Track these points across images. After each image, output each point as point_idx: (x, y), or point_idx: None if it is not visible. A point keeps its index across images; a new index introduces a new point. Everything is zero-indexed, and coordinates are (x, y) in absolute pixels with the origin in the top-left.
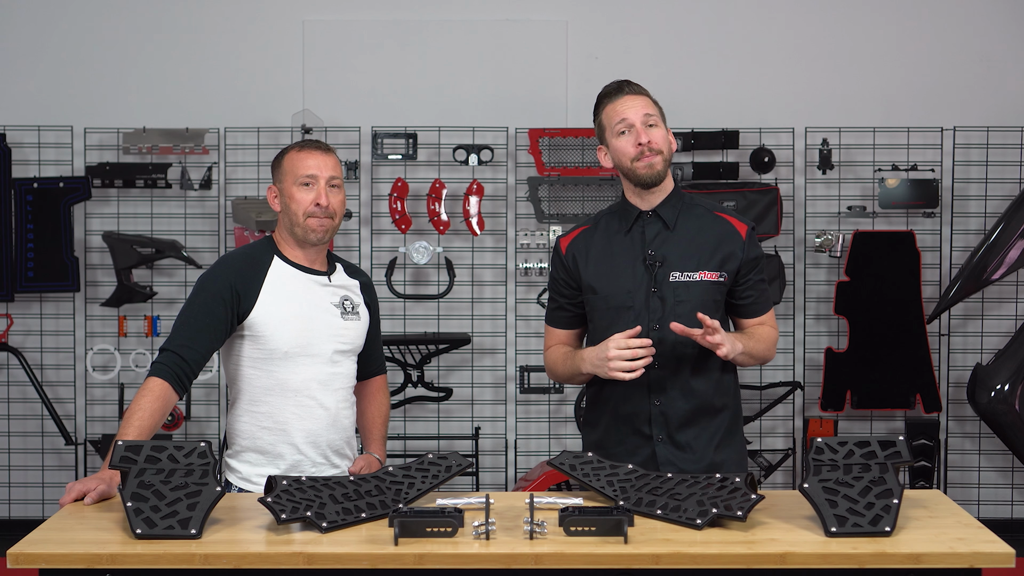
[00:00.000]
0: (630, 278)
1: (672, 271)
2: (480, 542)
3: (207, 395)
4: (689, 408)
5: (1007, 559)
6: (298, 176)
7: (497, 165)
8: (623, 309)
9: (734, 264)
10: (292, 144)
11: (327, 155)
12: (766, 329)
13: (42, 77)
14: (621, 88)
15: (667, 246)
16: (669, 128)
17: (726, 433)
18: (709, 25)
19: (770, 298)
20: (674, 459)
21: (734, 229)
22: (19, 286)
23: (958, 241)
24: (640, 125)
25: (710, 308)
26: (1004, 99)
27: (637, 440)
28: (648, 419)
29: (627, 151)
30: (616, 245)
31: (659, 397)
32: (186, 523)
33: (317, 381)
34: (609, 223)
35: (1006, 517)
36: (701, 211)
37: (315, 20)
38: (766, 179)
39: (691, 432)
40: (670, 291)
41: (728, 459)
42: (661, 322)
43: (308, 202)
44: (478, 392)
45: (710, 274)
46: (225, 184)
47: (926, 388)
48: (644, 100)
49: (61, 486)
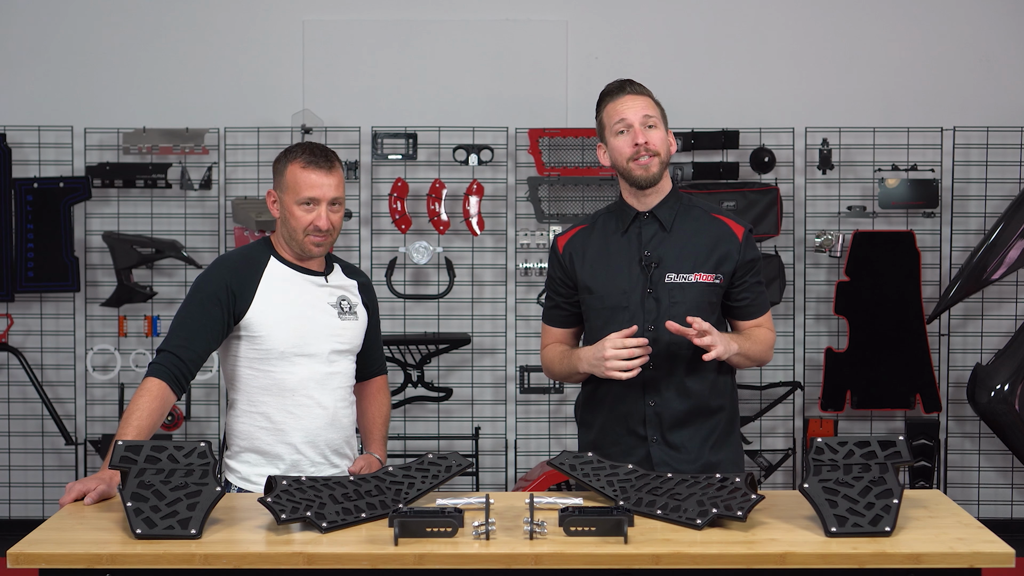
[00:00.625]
0: (626, 279)
1: (668, 272)
2: (480, 542)
3: (207, 395)
4: (684, 409)
5: (1007, 559)
6: (300, 195)
7: (497, 165)
8: (618, 309)
9: (730, 266)
10: (296, 151)
11: (331, 174)
12: (763, 331)
13: (42, 77)
14: (623, 87)
15: (663, 247)
16: (670, 130)
17: (722, 434)
18: (709, 25)
19: (767, 300)
20: (669, 460)
21: (730, 231)
22: (19, 286)
23: (958, 241)
24: (638, 126)
25: (705, 310)
26: (1004, 99)
27: (632, 440)
28: (643, 420)
29: (624, 151)
30: (613, 245)
31: (654, 398)
32: (186, 523)
33: (314, 381)
34: (606, 223)
35: (1006, 517)
36: (698, 212)
37: (315, 20)
38: (766, 179)
39: (685, 433)
40: (665, 292)
41: (724, 460)
42: (656, 323)
43: (308, 222)
44: (478, 392)
45: (705, 276)
46: (225, 184)
47: (926, 388)
48: (645, 101)
49: (61, 486)
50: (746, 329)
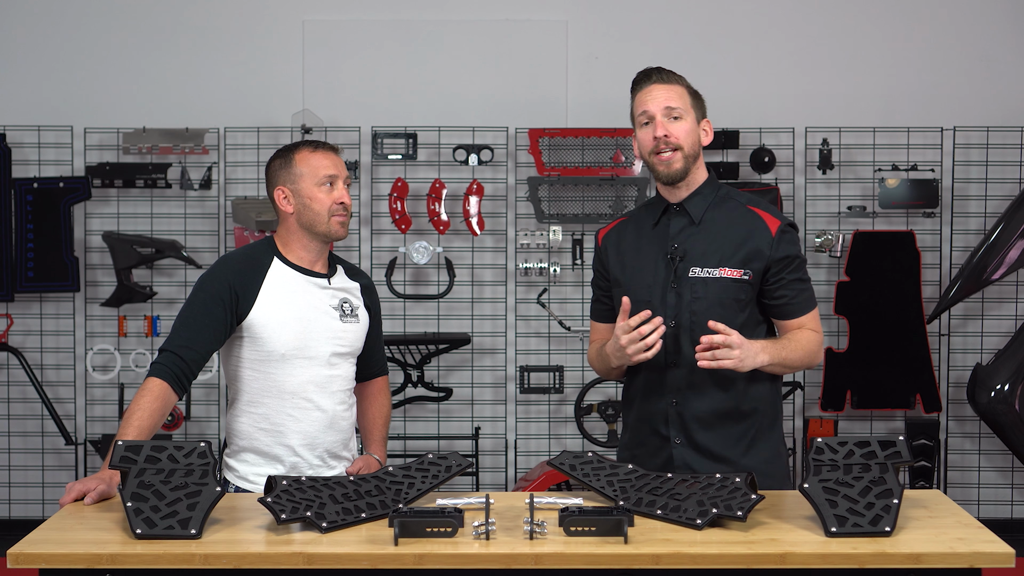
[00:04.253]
0: (651, 272)
1: (692, 266)
2: (480, 542)
3: (207, 395)
4: (708, 410)
5: (1007, 559)
6: (319, 177)
7: (497, 165)
8: (642, 303)
9: (760, 262)
10: (296, 144)
11: (338, 155)
12: (806, 334)
13: (42, 77)
14: (649, 76)
15: (691, 241)
16: (706, 119)
17: (754, 439)
18: (709, 25)
19: (811, 298)
20: (692, 463)
21: (764, 225)
22: (19, 286)
23: (958, 241)
24: (660, 117)
25: (730, 307)
26: (1004, 99)
27: (656, 441)
28: (665, 419)
29: (646, 144)
30: (644, 238)
31: (676, 396)
32: (186, 523)
33: (314, 384)
34: (643, 216)
35: (1006, 517)
36: (733, 205)
37: (315, 20)
38: (766, 179)
39: (712, 435)
40: (687, 287)
41: (754, 465)
42: (677, 318)
43: (331, 201)
44: (478, 392)
45: (731, 271)
46: (225, 184)
47: (926, 388)
48: (670, 91)
49: (61, 486)
50: (789, 329)
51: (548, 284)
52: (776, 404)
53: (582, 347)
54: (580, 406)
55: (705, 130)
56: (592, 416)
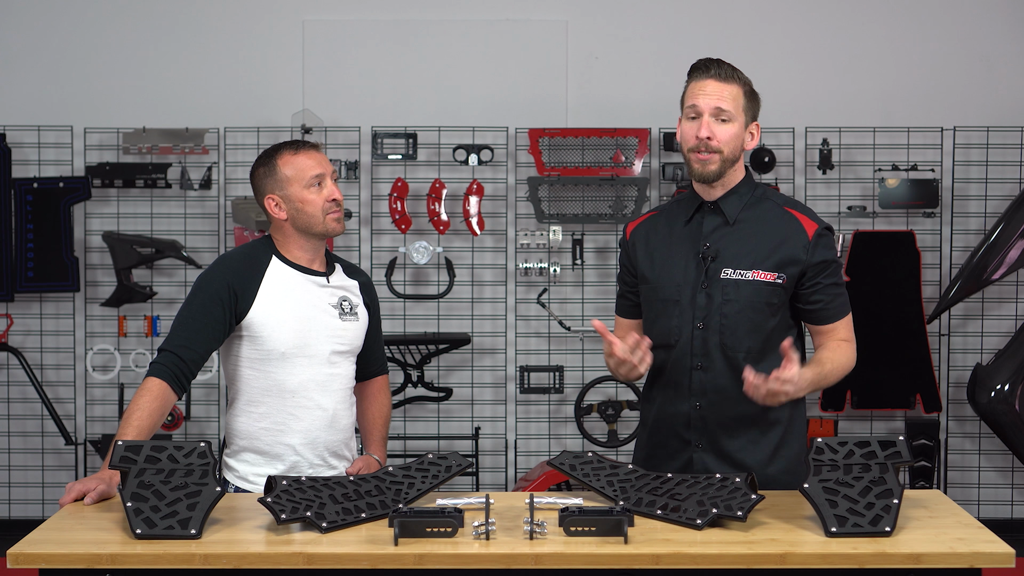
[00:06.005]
0: (682, 271)
1: (724, 267)
2: (480, 542)
3: (207, 395)
4: (732, 416)
5: (1007, 559)
6: (306, 178)
7: (497, 165)
8: (670, 303)
9: (796, 267)
10: (277, 149)
11: (320, 151)
12: (843, 351)
13: (42, 77)
14: (708, 68)
15: (724, 241)
16: (756, 122)
17: (778, 447)
18: (709, 25)
19: (846, 303)
20: (713, 469)
21: (801, 228)
22: (19, 286)
23: (958, 241)
24: (707, 116)
25: (762, 310)
26: (1004, 99)
27: (676, 444)
28: (687, 422)
29: (687, 139)
30: (676, 235)
31: (700, 399)
32: (186, 523)
33: (315, 382)
34: (675, 211)
35: (1006, 517)
36: (770, 206)
37: (315, 20)
38: (766, 179)
39: (736, 442)
40: (718, 288)
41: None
42: (706, 320)
43: (323, 200)
44: (478, 392)
45: (765, 274)
46: (225, 184)
47: (926, 388)
48: (725, 90)
49: (61, 486)
50: (822, 334)
51: (548, 284)
52: (802, 414)
53: (582, 347)
54: (580, 406)
55: (752, 133)
56: (592, 416)
